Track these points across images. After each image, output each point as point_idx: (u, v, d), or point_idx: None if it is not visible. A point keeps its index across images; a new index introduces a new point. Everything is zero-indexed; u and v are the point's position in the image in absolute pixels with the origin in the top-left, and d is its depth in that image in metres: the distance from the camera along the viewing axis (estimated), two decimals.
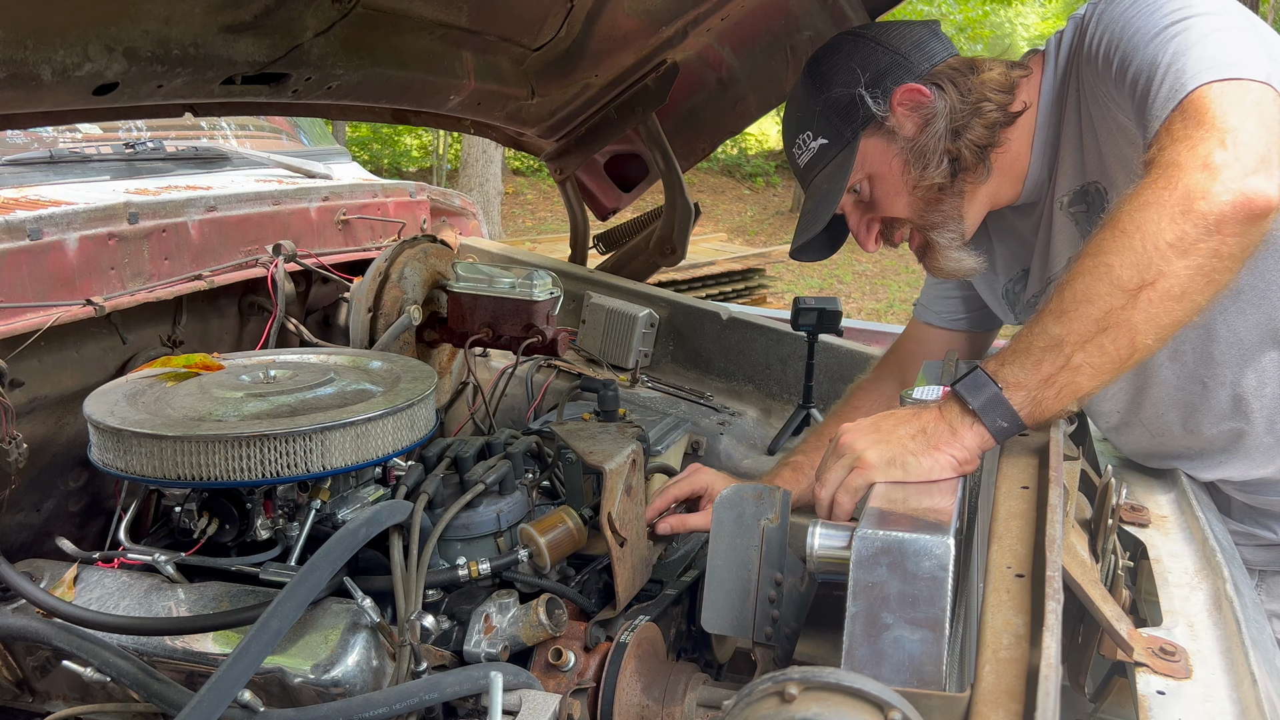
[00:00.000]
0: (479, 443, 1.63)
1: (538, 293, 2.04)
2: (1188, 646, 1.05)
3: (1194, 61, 1.18)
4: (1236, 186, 1.09)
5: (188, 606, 1.39)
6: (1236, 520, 1.59)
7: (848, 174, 1.54)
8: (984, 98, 1.50)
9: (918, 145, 1.52)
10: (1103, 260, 1.14)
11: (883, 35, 1.57)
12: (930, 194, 1.54)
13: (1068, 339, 1.15)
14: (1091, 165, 1.47)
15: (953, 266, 1.60)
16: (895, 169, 1.54)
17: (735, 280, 8.91)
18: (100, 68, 1.29)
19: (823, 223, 1.56)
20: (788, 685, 0.75)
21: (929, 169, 1.52)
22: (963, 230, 1.57)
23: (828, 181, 1.57)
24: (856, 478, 1.19)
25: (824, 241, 1.69)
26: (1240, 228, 1.09)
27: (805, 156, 1.61)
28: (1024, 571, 1.00)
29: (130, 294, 1.85)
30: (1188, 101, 1.16)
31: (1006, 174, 1.55)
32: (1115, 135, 1.39)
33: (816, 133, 1.58)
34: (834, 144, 1.56)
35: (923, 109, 1.51)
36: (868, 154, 1.55)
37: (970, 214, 1.56)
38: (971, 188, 1.54)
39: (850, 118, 1.54)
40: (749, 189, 18.15)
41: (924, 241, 1.60)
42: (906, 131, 1.52)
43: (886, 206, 1.59)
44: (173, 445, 1.34)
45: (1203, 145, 1.12)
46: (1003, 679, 0.84)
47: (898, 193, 1.56)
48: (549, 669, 1.37)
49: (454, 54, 1.97)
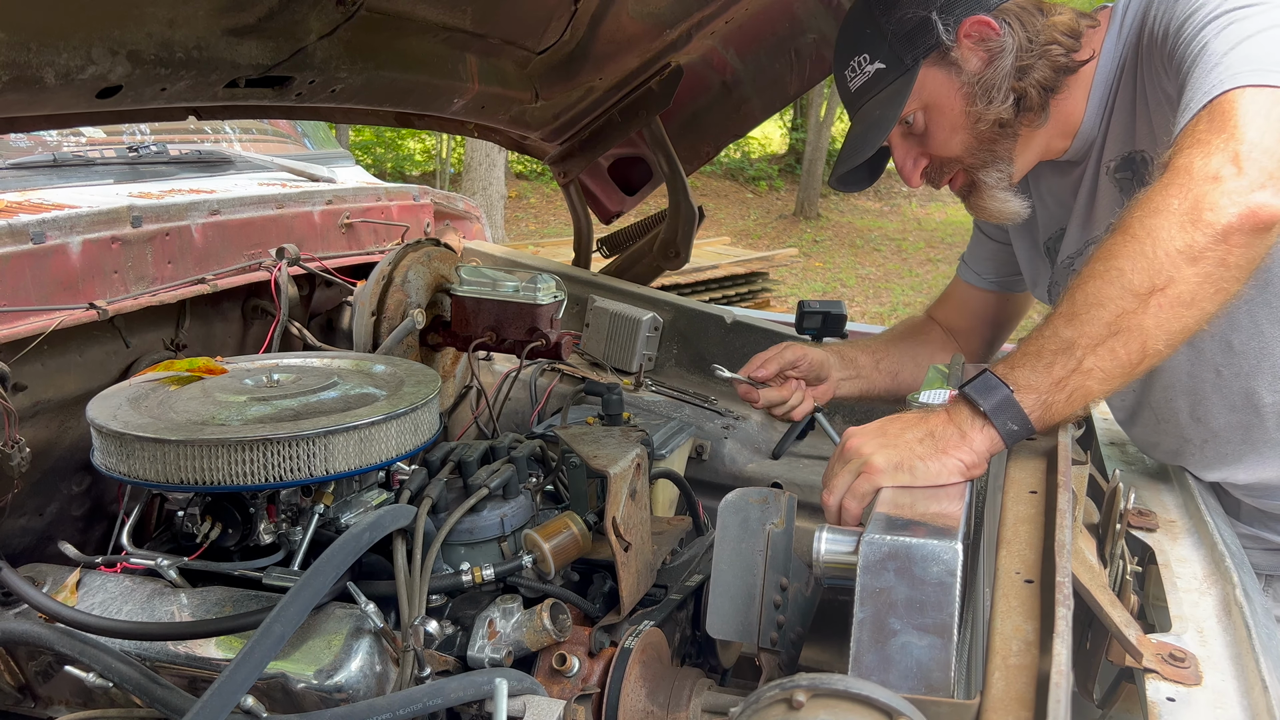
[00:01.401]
0: (483, 447, 1.63)
1: (541, 296, 2.04)
2: (1197, 652, 1.05)
3: (1236, 59, 1.18)
4: (1242, 200, 1.09)
5: (190, 611, 1.38)
6: (1245, 524, 1.59)
7: (903, 102, 1.50)
8: (1053, 40, 1.48)
9: (984, 79, 1.49)
10: (1114, 264, 1.14)
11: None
12: (989, 131, 1.52)
13: (1079, 342, 1.15)
14: (1142, 133, 1.46)
15: (997, 207, 1.58)
16: (956, 102, 1.51)
17: (738, 284, 8.92)
18: (104, 71, 1.29)
19: (871, 149, 1.53)
20: (795, 692, 0.74)
21: (994, 104, 1.49)
22: (1011, 172, 1.55)
23: (880, 108, 1.53)
24: (863, 483, 1.19)
25: (865, 171, 1.66)
26: (1246, 239, 1.10)
27: (859, 80, 1.57)
28: (1033, 577, 0.99)
29: (133, 298, 1.84)
30: (1216, 104, 1.16)
31: (1060, 124, 1.54)
32: (1164, 108, 1.38)
33: (874, 56, 1.53)
34: (892, 69, 1.52)
35: (989, 43, 1.48)
36: (926, 83, 1.51)
37: (1022, 158, 1.55)
38: (1027, 131, 1.53)
39: (914, 44, 1.50)
40: (752, 193, 18.15)
41: (970, 181, 1.59)
42: (971, 66, 1.49)
43: (939, 142, 1.56)
44: (176, 449, 1.34)
45: (1216, 156, 1.12)
46: (1013, 686, 0.83)
47: (955, 128, 1.53)
48: (553, 674, 1.36)
49: (458, 57, 1.97)
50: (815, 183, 16.43)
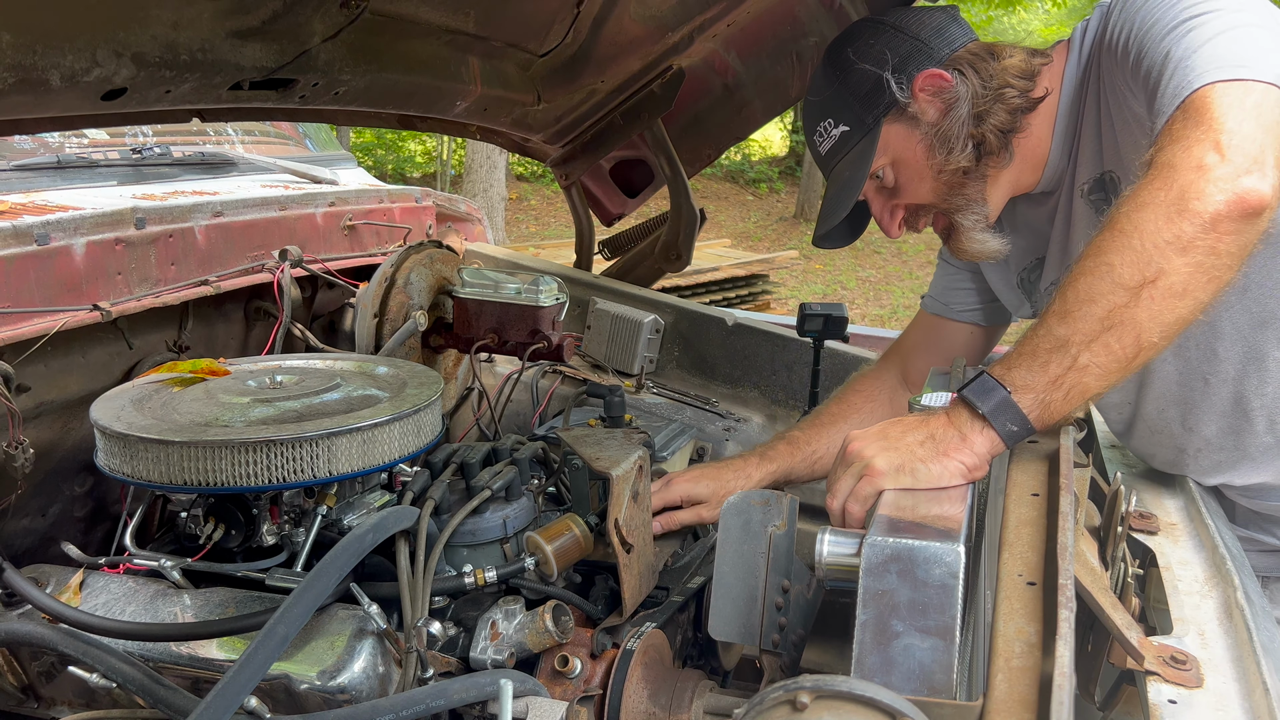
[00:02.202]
0: (485, 448, 1.63)
1: (543, 298, 2.04)
2: (1199, 655, 1.05)
3: (1202, 60, 1.19)
4: (1229, 186, 1.10)
5: (193, 612, 1.38)
6: (1241, 526, 1.59)
7: (870, 160, 1.55)
8: (1006, 84, 1.51)
9: (941, 130, 1.52)
10: (1103, 260, 1.15)
11: (902, 21, 1.58)
12: (954, 178, 1.55)
13: (1073, 339, 1.15)
14: (1109, 154, 1.48)
15: (977, 248, 1.60)
16: (919, 154, 1.55)
17: (739, 286, 8.92)
18: (109, 73, 1.29)
19: (846, 209, 1.57)
20: (799, 694, 0.74)
21: (954, 153, 1.52)
22: (986, 213, 1.57)
23: (850, 168, 1.58)
24: (866, 485, 1.19)
25: (845, 229, 1.70)
26: (1236, 225, 1.10)
27: (827, 144, 1.62)
28: (1035, 579, 1.00)
29: (137, 299, 1.85)
30: (1189, 101, 1.17)
31: (1028, 160, 1.56)
32: (1131, 126, 1.40)
33: (838, 120, 1.58)
34: (856, 130, 1.57)
35: (945, 94, 1.52)
36: (890, 140, 1.55)
37: (994, 197, 1.57)
38: (995, 172, 1.55)
39: (872, 104, 1.54)
40: (753, 195, 18.15)
41: (949, 224, 1.61)
42: (929, 117, 1.53)
43: (910, 192, 1.59)
44: (179, 450, 1.34)
45: (1198, 147, 1.13)
46: (1015, 688, 0.83)
47: (922, 178, 1.57)
48: (555, 676, 1.37)
49: (461, 59, 1.97)
50: (816, 185, 16.42)
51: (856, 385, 1.91)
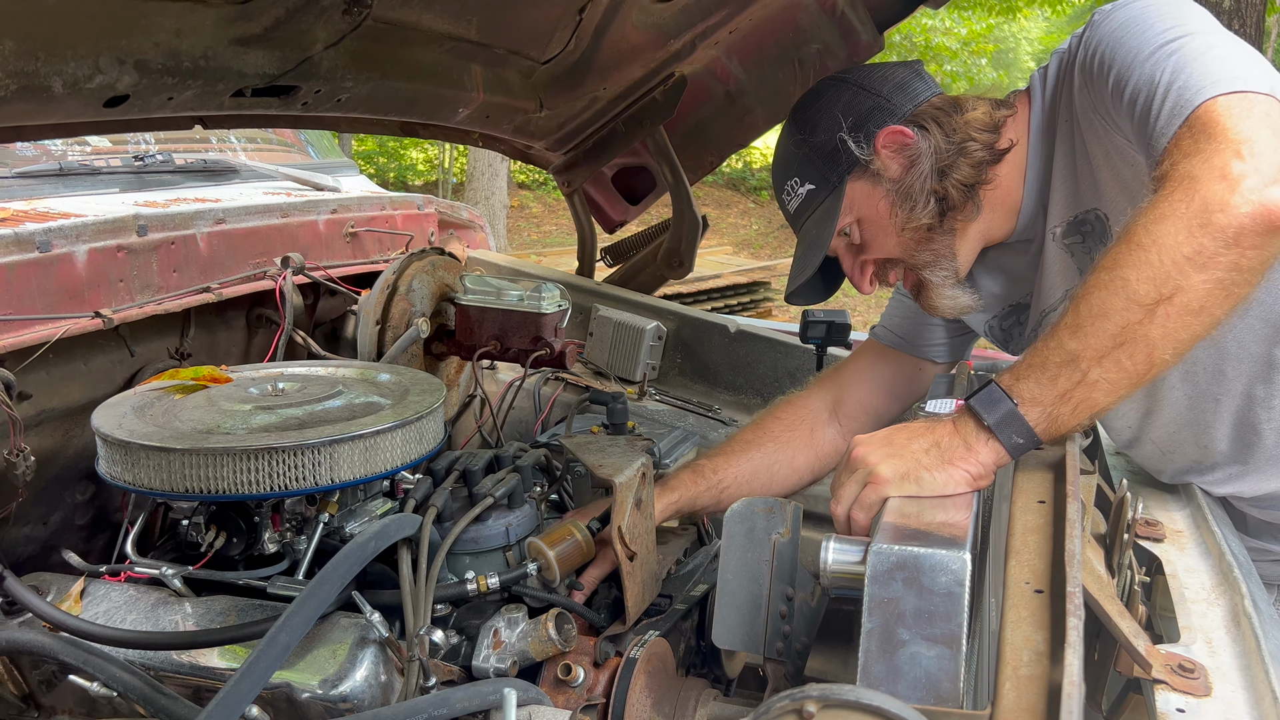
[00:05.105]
0: (487, 456, 1.62)
1: (546, 305, 2.04)
2: (1206, 663, 1.04)
3: (1196, 76, 1.17)
4: (1256, 198, 1.06)
5: (195, 621, 1.38)
6: (1253, 536, 1.58)
7: (835, 218, 1.55)
8: (969, 137, 1.50)
9: (903, 186, 1.52)
10: (1119, 274, 1.12)
11: (864, 79, 1.58)
12: (920, 234, 1.54)
13: (1084, 354, 1.13)
14: (1087, 193, 1.46)
15: (948, 304, 1.59)
16: (883, 211, 1.54)
17: (740, 293, 8.93)
18: (111, 80, 1.29)
19: (814, 267, 1.56)
20: (806, 703, 0.74)
21: (916, 209, 1.52)
22: (956, 268, 1.56)
23: (817, 226, 1.58)
24: (870, 493, 1.18)
25: (819, 284, 1.69)
26: (1260, 239, 1.07)
27: (794, 202, 1.63)
28: (1043, 587, 0.99)
29: (139, 306, 1.84)
30: (1195, 116, 1.15)
31: (998, 210, 1.55)
32: (1113, 158, 1.38)
33: (803, 179, 1.59)
34: (821, 189, 1.57)
35: (906, 150, 1.51)
36: (855, 197, 1.55)
37: (963, 251, 1.56)
38: (962, 225, 1.54)
39: (835, 162, 1.55)
40: (754, 202, 18.17)
41: (918, 280, 1.60)
42: (892, 173, 1.52)
43: (877, 248, 1.59)
44: (180, 458, 1.34)
45: (1218, 157, 1.10)
46: (1024, 696, 0.83)
47: (887, 234, 1.56)
48: (558, 684, 1.36)
49: (463, 67, 1.98)
50: None
51: (777, 412, 1.83)
